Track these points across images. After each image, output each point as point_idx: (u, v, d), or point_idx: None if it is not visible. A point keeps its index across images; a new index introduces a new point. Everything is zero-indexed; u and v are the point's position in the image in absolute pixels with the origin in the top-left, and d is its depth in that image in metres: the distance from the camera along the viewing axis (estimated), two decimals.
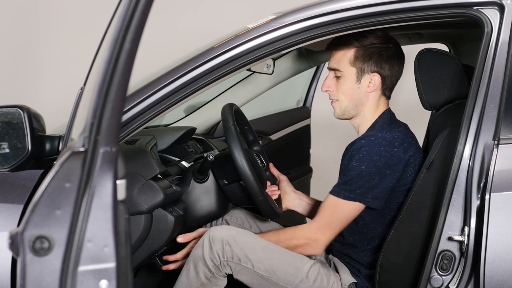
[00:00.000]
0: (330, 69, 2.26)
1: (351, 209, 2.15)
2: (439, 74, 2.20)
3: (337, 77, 2.23)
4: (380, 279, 2.15)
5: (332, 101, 2.27)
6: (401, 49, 2.28)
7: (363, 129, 2.26)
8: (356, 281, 2.22)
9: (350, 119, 2.29)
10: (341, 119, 2.29)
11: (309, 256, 2.37)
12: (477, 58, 1.89)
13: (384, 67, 2.21)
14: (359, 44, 2.19)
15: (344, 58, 2.21)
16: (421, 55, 2.22)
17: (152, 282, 2.53)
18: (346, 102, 2.23)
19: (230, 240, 2.12)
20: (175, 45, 3.87)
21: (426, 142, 2.63)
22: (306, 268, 2.17)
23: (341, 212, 2.16)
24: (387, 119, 2.24)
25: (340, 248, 2.33)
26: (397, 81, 2.28)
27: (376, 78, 2.21)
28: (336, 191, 2.16)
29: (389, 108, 2.29)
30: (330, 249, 2.41)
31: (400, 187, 2.15)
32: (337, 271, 2.24)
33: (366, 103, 2.24)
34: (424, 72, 2.21)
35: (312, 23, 1.93)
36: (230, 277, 2.20)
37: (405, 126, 2.26)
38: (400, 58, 2.26)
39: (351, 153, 2.15)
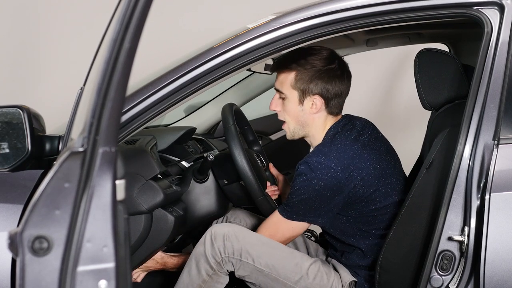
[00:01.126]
0: (275, 89, 2.27)
1: (294, 227, 2.20)
2: (439, 74, 2.20)
3: (282, 99, 2.24)
4: (380, 279, 2.15)
5: (282, 123, 2.29)
6: (345, 67, 2.25)
7: (315, 145, 2.27)
8: (356, 280, 2.23)
9: (303, 138, 2.30)
10: (293, 139, 2.31)
11: (310, 254, 2.38)
12: (477, 58, 1.89)
13: (326, 88, 2.19)
14: (300, 67, 2.19)
15: (286, 80, 2.21)
16: (420, 55, 2.22)
17: (152, 282, 2.53)
18: (293, 124, 2.25)
19: (231, 235, 2.15)
20: (175, 45, 3.87)
21: (426, 142, 2.63)
22: (306, 265, 2.18)
23: (282, 230, 2.21)
24: (329, 138, 2.21)
25: (334, 254, 2.35)
26: (344, 99, 2.26)
27: (317, 101, 2.20)
28: (281, 209, 2.22)
29: (335, 122, 2.25)
30: (328, 253, 2.42)
31: (355, 200, 2.16)
32: (336, 271, 2.25)
33: (312, 124, 2.24)
34: (423, 72, 2.21)
35: (312, 23, 1.93)
36: (232, 277, 2.20)
37: (345, 141, 2.18)
38: (342, 77, 2.22)
39: (294, 177, 2.18)
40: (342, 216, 2.20)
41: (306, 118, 2.23)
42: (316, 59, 2.19)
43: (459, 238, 1.82)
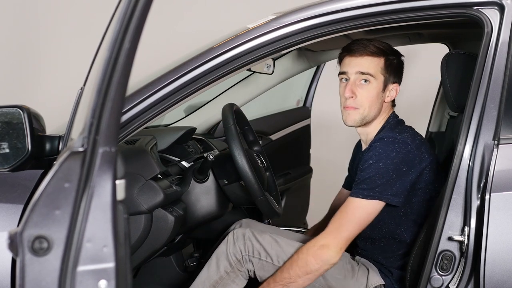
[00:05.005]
0: (359, 73, 2.19)
1: (370, 208, 2.08)
2: (469, 76, 2.19)
3: (364, 83, 2.19)
4: (410, 282, 2.11)
5: (350, 107, 2.20)
6: None
7: (372, 137, 2.24)
8: (384, 283, 2.19)
9: (361, 126, 2.25)
10: (354, 126, 2.25)
11: None
12: (477, 58, 1.89)
13: (401, 78, 2.28)
14: (386, 55, 2.22)
15: (374, 65, 2.20)
16: (449, 57, 2.23)
17: (152, 282, 2.53)
18: (368, 110, 2.20)
19: (251, 236, 2.19)
20: (174, 45, 3.87)
21: (445, 144, 2.60)
22: None
23: (358, 212, 2.08)
24: (394, 122, 2.25)
25: (369, 254, 2.30)
26: None
27: (396, 89, 2.25)
28: (355, 192, 2.10)
29: (393, 111, 2.31)
30: (357, 252, 2.37)
31: (420, 184, 2.13)
32: (366, 269, 2.22)
33: (381, 112, 2.25)
34: (452, 75, 2.20)
35: (312, 23, 1.93)
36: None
37: (411, 128, 2.26)
38: None
39: (367, 153, 2.14)
40: (402, 207, 2.16)
41: (380, 106, 2.23)
42: (396, 50, 2.25)
43: (459, 238, 1.82)
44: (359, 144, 2.47)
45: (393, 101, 2.29)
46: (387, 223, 2.19)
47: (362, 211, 2.08)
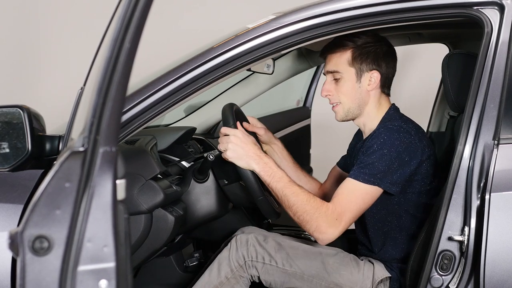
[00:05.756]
0: (328, 72, 2.27)
1: (369, 193, 2.09)
2: (470, 76, 2.20)
3: (336, 80, 2.24)
4: (410, 282, 2.10)
5: (333, 106, 2.28)
6: (392, 47, 2.31)
7: (371, 127, 2.26)
8: (390, 275, 2.20)
9: (353, 119, 2.30)
10: (344, 121, 2.30)
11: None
12: (477, 58, 1.89)
13: (381, 64, 2.24)
14: (355, 44, 2.22)
15: (342, 59, 2.23)
16: (449, 57, 2.23)
17: (152, 282, 2.53)
18: (349, 103, 2.25)
19: (254, 241, 2.20)
20: (175, 45, 3.87)
21: (447, 143, 2.60)
22: (331, 261, 2.17)
23: (360, 196, 2.09)
24: (396, 114, 2.27)
25: (368, 253, 2.31)
26: (393, 78, 2.31)
27: (375, 75, 2.23)
28: (355, 175, 2.10)
29: (393, 104, 2.31)
30: (360, 253, 2.38)
31: (417, 175, 2.14)
32: (371, 264, 2.23)
33: (368, 101, 2.26)
34: (453, 75, 2.21)
35: (312, 23, 1.93)
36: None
37: (412, 121, 2.28)
38: (393, 55, 2.30)
39: (370, 139, 2.16)
40: (396, 196, 2.17)
41: (363, 96, 2.24)
42: (368, 36, 2.23)
43: (459, 238, 1.82)
44: (359, 131, 2.48)
45: (384, 89, 2.28)
46: (379, 209, 2.20)
47: (362, 193, 2.09)
